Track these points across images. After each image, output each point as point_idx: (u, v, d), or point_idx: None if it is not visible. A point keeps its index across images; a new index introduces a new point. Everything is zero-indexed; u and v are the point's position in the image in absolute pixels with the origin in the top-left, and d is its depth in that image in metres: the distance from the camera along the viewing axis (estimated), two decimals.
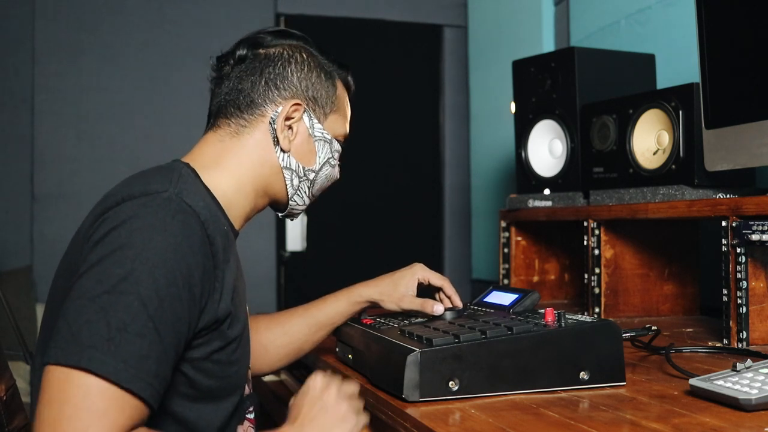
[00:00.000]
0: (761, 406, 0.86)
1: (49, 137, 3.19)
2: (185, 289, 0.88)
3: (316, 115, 1.15)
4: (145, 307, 0.84)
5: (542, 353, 1.01)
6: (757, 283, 1.33)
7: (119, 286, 0.84)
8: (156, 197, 0.92)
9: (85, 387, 0.79)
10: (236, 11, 3.34)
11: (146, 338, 0.83)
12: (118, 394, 0.80)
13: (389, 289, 1.30)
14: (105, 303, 0.83)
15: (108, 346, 0.81)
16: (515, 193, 2.06)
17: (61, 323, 0.83)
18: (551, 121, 1.93)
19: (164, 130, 3.29)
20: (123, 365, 0.81)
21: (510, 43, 2.86)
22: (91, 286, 0.84)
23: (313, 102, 1.15)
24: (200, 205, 0.95)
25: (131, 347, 0.82)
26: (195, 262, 0.90)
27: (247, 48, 1.13)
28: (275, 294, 3.39)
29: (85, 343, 0.80)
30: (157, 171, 1.01)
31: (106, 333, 0.81)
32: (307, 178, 1.16)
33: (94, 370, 0.79)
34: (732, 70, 1.38)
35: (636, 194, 1.63)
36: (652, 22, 2.14)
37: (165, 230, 0.89)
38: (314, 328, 1.32)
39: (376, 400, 1.05)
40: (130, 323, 0.83)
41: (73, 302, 0.84)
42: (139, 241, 0.87)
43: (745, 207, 1.30)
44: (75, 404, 0.79)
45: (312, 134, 1.15)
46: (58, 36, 3.21)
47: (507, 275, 2.08)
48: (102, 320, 0.82)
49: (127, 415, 0.81)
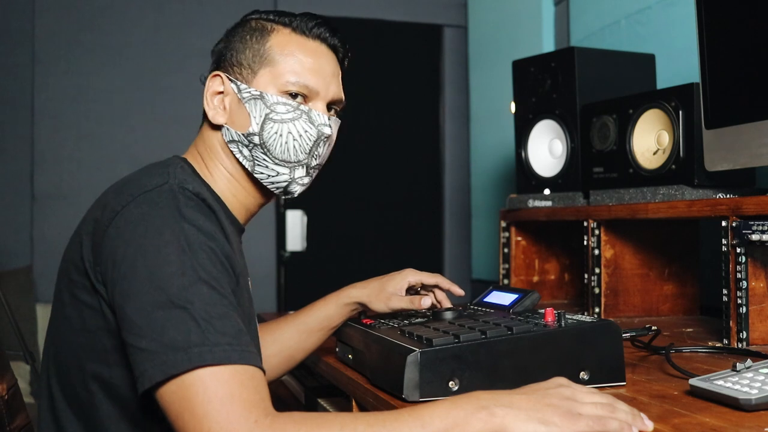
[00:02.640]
0: (761, 406, 0.86)
1: (49, 137, 3.19)
2: (227, 265, 0.91)
3: (243, 77, 1.09)
4: (214, 289, 0.86)
5: (542, 353, 1.01)
6: (757, 283, 1.33)
7: (181, 282, 0.85)
8: (159, 191, 0.93)
9: (201, 383, 0.80)
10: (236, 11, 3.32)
11: (230, 314, 0.85)
12: (233, 374, 0.81)
13: (377, 290, 1.28)
14: (179, 303, 0.83)
15: (205, 337, 0.82)
16: (515, 193, 2.06)
17: (145, 344, 0.82)
18: (551, 121, 1.93)
19: (164, 130, 3.29)
20: (228, 347, 0.82)
21: (510, 43, 2.86)
22: (154, 297, 0.84)
23: (238, 65, 1.10)
24: (205, 193, 0.96)
25: (224, 328, 0.83)
26: (220, 239, 0.92)
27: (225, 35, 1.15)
28: (275, 294, 3.39)
29: (184, 346, 0.81)
30: (151, 167, 1.02)
31: (197, 327, 0.82)
32: (253, 143, 1.08)
33: (207, 363, 0.80)
34: (732, 70, 1.38)
35: (636, 194, 1.63)
36: (652, 22, 2.14)
37: (184, 217, 0.90)
38: (305, 335, 1.30)
39: (376, 400, 1.05)
40: (211, 308, 0.84)
41: (143, 319, 0.83)
42: (168, 235, 0.88)
43: (745, 207, 1.30)
44: (202, 402, 0.79)
45: (240, 98, 1.09)
46: (58, 36, 3.21)
47: (507, 275, 2.08)
48: (187, 319, 0.82)
49: (252, 387, 0.81)
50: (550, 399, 0.81)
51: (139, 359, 0.83)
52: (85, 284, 0.94)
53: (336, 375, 1.28)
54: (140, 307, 0.84)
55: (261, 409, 0.80)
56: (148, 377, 0.81)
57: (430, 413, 0.79)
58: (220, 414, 0.78)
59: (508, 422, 0.77)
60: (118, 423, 0.95)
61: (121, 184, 1.00)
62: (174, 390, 0.80)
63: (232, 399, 0.79)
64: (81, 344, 0.96)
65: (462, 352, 0.97)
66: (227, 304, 0.86)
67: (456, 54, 3.63)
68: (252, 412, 0.79)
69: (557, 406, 0.79)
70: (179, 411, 0.80)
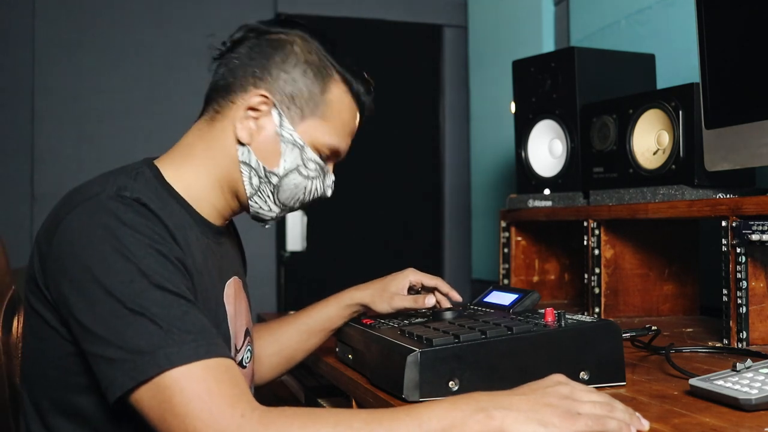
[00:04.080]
0: (761, 406, 0.86)
1: (49, 137, 3.19)
2: (178, 264, 0.90)
3: (290, 114, 1.05)
4: (167, 290, 0.85)
5: (542, 353, 1.01)
6: (757, 283, 1.33)
7: (131, 289, 0.84)
8: (96, 200, 0.91)
9: (176, 384, 0.79)
10: (236, 11, 3.34)
11: (190, 312, 0.85)
12: (206, 370, 0.80)
13: (380, 291, 1.27)
14: (135, 309, 0.82)
15: (169, 337, 0.81)
16: (515, 193, 2.06)
17: (111, 353, 0.82)
18: (551, 121, 1.92)
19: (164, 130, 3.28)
20: (194, 344, 0.81)
21: (510, 43, 2.86)
22: (109, 307, 0.83)
23: (290, 99, 1.05)
24: (146, 197, 0.93)
25: (186, 326, 0.83)
26: (166, 241, 0.91)
27: (245, 32, 1.10)
28: (275, 294, 3.39)
29: (149, 350, 0.80)
30: (101, 175, 1.00)
31: (158, 330, 0.81)
32: (269, 181, 1.06)
33: (176, 364, 0.79)
34: (732, 70, 1.37)
35: (636, 194, 1.63)
36: (652, 22, 2.14)
37: (124, 223, 0.88)
38: (305, 335, 1.30)
39: (376, 400, 1.05)
40: (169, 310, 0.83)
41: (103, 329, 0.83)
42: (110, 244, 0.86)
43: (745, 207, 1.30)
44: (181, 403, 0.78)
45: (279, 133, 1.05)
46: (58, 36, 3.21)
47: (507, 275, 2.08)
48: (147, 324, 0.82)
49: (228, 380, 0.81)
50: (549, 399, 0.80)
51: (106, 368, 0.82)
52: (38, 295, 0.94)
53: (336, 375, 1.28)
54: (97, 318, 0.83)
55: (245, 402, 0.80)
56: (118, 385, 0.81)
57: (428, 413, 0.79)
58: (203, 411, 0.78)
59: (507, 424, 0.77)
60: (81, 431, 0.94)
61: (70, 192, 0.98)
62: (150, 395, 0.80)
63: (211, 395, 0.79)
64: (41, 352, 0.95)
65: (462, 352, 0.97)
66: (184, 303, 0.85)
67: (456, 54, 3.63)
68: (236, 407, 0.79)
69: (556, 405, 0.79)
70: (160, 414, 0.79)
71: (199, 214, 1.06)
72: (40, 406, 0.96)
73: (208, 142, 1.07)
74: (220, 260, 1.10)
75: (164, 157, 1.08)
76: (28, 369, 0.99)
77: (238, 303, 1.13)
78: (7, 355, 1.10)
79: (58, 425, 0.94)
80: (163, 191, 1.01)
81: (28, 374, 0.99)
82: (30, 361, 0.98)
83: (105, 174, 1.00)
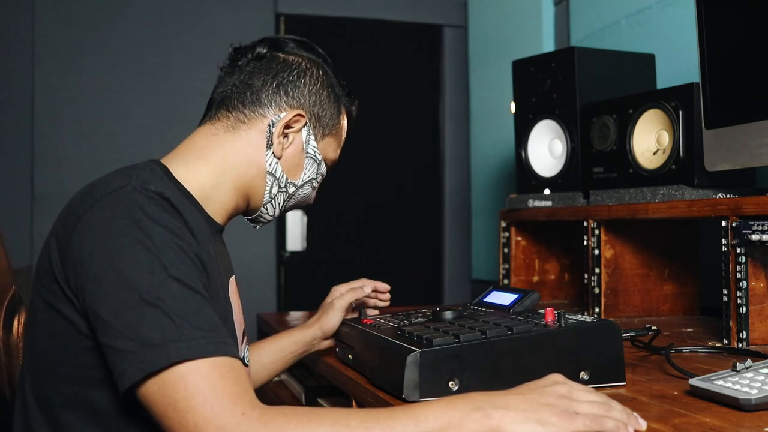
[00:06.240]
0: (761, 406, 0.86)
1: (49, 137, 3.19)
2: (196, 261, 0.91)
3: (315, 132, 1.16)
4: (185, 285, 0.86)
5: (542, 353, 1.01)
6: (757, 283, 1.33)
7: (150, 280, 0.84)
8: (120, 192, 0.93)
9: (182, 379, 0.80)
10: (236, 11, 3.34)
11: (203, 308, 0.85)
12: (212, 367, 0.81)
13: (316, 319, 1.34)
14: (151, 301, 0.83)
15: (181, 332, 0.82)
16: (515, 193, 2.06)
17: (122, 344, 0.82)
18: (551, 121, 1.93)
19: (164, 130, 3.29)
20: (204, 340, 0.82)
21: (510, 43, 2.86)
22: (125, 298, 0.84)
23: (316, 119, 1.15)
24: (170, 193, 0.95)
25: (198, 322, 0.83)
26: (186, 236, 0.92)
27: (267, 47, 1.15)
28: (275, 294, 3.39)
29: (160, 343, 0.81)
30: (117, 170, 1.01)
31: (171, 323, 0.82)
32: (287, 190, 1.15)
33: (185, 358, 0.80)
34: (732, 70, 1.38)
35: (636, 194, 1.63)
36: (652, 22, 2.14)
37: (148, 216, 0.90)
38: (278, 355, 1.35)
39: (376, 400, 1.05)
40: (184, 304, 0.84)
41: (117, 320, 0.83)
42: (132, 235, 0.87)
43: (745, 207, 1.30)
44: (185, 397, 0.79)
45: (305, 149, 1.15)
46: (58, 36, 3.21)
47: (507, 275, 2.08)
48: (160, 316, 0.82)
49: (232, 379, 0.81)
50: (547, 398, 0.80)
51: (117, 360, 0.83)
52: (55, 289, 0.94)
53: (336, 375, 1.28)
54: (113, 309, 0.84)
55: (246, 401, 0.80)
56: (127, 377, 0.81)
57: (425, 412, 0.79)
58: (205, 408, 0.78)
59: (504, 424, 0.77)
60: (92, 427, 0.94)
61: (86, 188, 0.99)
62: (156, 389, 0.80)
63: (214, 391, 0.79)
64: (53, 348, 0.95)
65: (462, 352, 0.97)
66: (199, 299, 0.86)
67: (456, 54, 3.63)
68: (237, 404, 0.79)
69: (554, 405, 0.79)
70: (163, 408, 0.80)
71: (206, 212, 1.08)
72: (47, 403, 0.96)
73: (229, 149, 1.10)
74: (223, 258, 1.13)
75: (172, 157, 1.09)
76: (35, 366, 0.98)
77: (237, 302, 1.14)
78: (7, 355, 1.10)
79: (68, 421, 0.94)
80: (175, 189, 1.03)
81: (36, 371, 0.98)
82: (38, 358, 0.98)
83: (121, 169, 1.01)
